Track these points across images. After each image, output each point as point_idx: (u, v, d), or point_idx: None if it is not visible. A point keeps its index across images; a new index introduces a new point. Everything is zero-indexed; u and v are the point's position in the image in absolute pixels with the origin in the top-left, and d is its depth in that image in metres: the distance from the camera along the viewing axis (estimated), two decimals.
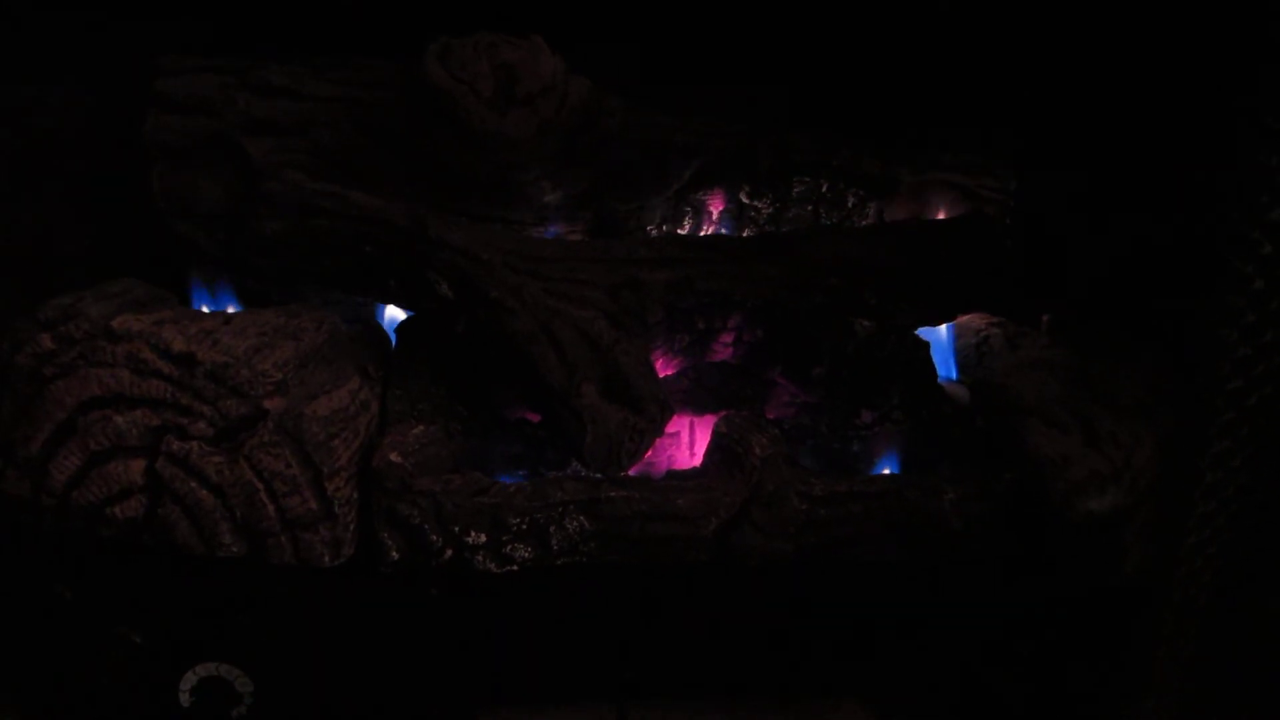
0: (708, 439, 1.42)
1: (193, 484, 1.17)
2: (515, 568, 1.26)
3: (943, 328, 1.70)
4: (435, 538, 1.23)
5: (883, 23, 1.77)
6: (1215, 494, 1.02)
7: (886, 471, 1.49)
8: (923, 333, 1.64)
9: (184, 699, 1.24)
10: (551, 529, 1.26)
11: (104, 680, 1.24)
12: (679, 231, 1.75)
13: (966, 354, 1.75)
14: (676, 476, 1.39)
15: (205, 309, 1.60)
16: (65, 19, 1.58)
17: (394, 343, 1.51)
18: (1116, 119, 1.56)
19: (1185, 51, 1.33)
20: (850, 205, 1.79)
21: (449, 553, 1.24)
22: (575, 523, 1.27)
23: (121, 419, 1.17)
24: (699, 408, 1.53)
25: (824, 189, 1.78)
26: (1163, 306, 1.39)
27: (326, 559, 1.21)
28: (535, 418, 1.45)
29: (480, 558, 1.25)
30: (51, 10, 1.55)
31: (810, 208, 1.78)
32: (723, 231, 1.77)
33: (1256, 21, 0.97)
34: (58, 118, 1.61)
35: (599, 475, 1.33)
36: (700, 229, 1.77)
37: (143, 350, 1.17)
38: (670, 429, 1.46)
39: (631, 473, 1.37)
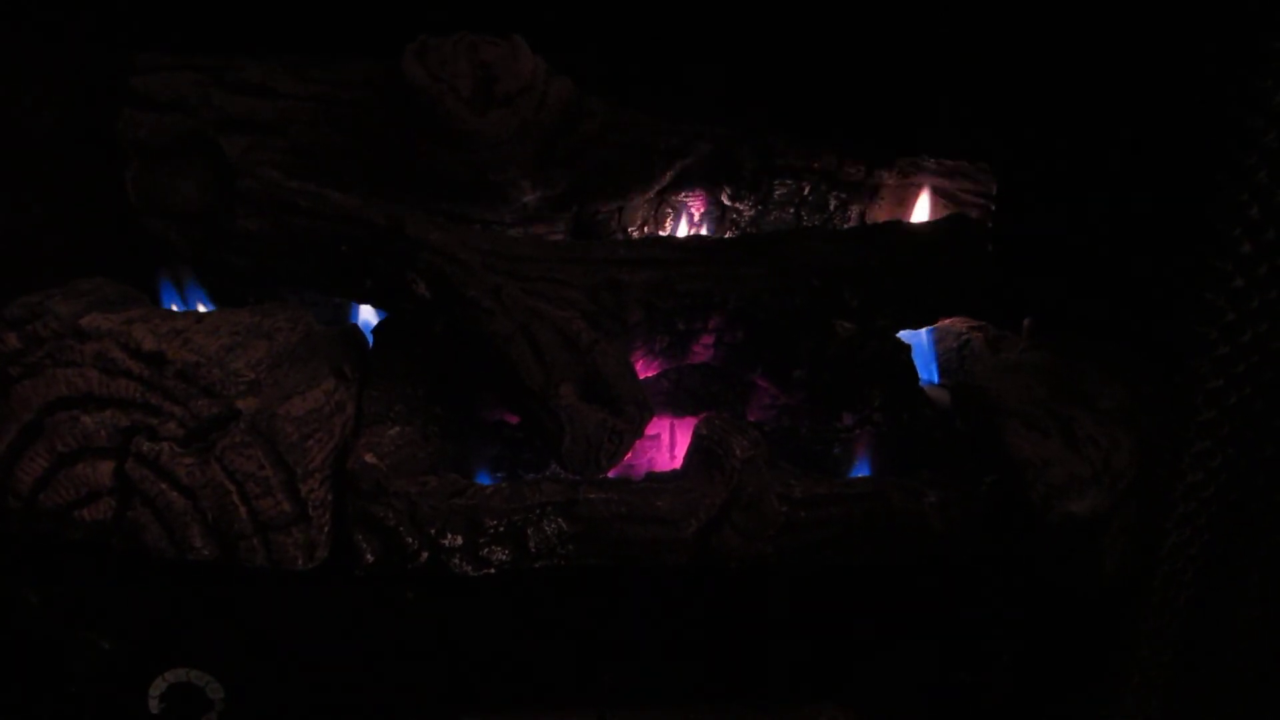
0: (688, 441, 1.41)
1: (163, 486, 1.15)
2: (492, 570, 1.25)
3: (923, 331, 1.70)
4: (411, 540, 1.22)
5: (866, 26, 1.77)
6: (1196, 494, 1.02)
7: (867, 474, 1.49)
8: (903, 336, 1.64)
9: (153, 706, 1.22)
10: (529, 531, 1.24)
11: (71, 687, 1.21)
12: (660, 233, 1.75)
13: (948, 357, 1.75)
14: (656, 478, 1.38)
15: (177, 309, 1.58)
16: (38, 15, 1.56)
17: (371, 344, 1.49)
18: (1096, 122, 1.57)
19: (1166, 54, 1.34)
20: (832, 208, 1.79)
21: (425, 555, 1.22)
22: (553, 525, 1.25)
23: (90, 420, 1.15)
24: (679, 409, 1.52)
25: (806, 192, 1.78)
26: (1142, 307, 1.40)
27: (300, 562, 1.20)
28: (513, 419, 1.44)
29: (457, 560, 1.23)
30: (24, 6, 1.53)
31: (792, 210, 1.78)
32: (704, 233, 1.76)
33: (1243, 30, 0.97)
34: (30, 115, 1.58)
35: (577, 477, 1.32)
36: (681, 230, 1.76)
37: (112, 349, 1.15)
38: (650, 431, 1.45)
39: (611, 475, 1.35)
